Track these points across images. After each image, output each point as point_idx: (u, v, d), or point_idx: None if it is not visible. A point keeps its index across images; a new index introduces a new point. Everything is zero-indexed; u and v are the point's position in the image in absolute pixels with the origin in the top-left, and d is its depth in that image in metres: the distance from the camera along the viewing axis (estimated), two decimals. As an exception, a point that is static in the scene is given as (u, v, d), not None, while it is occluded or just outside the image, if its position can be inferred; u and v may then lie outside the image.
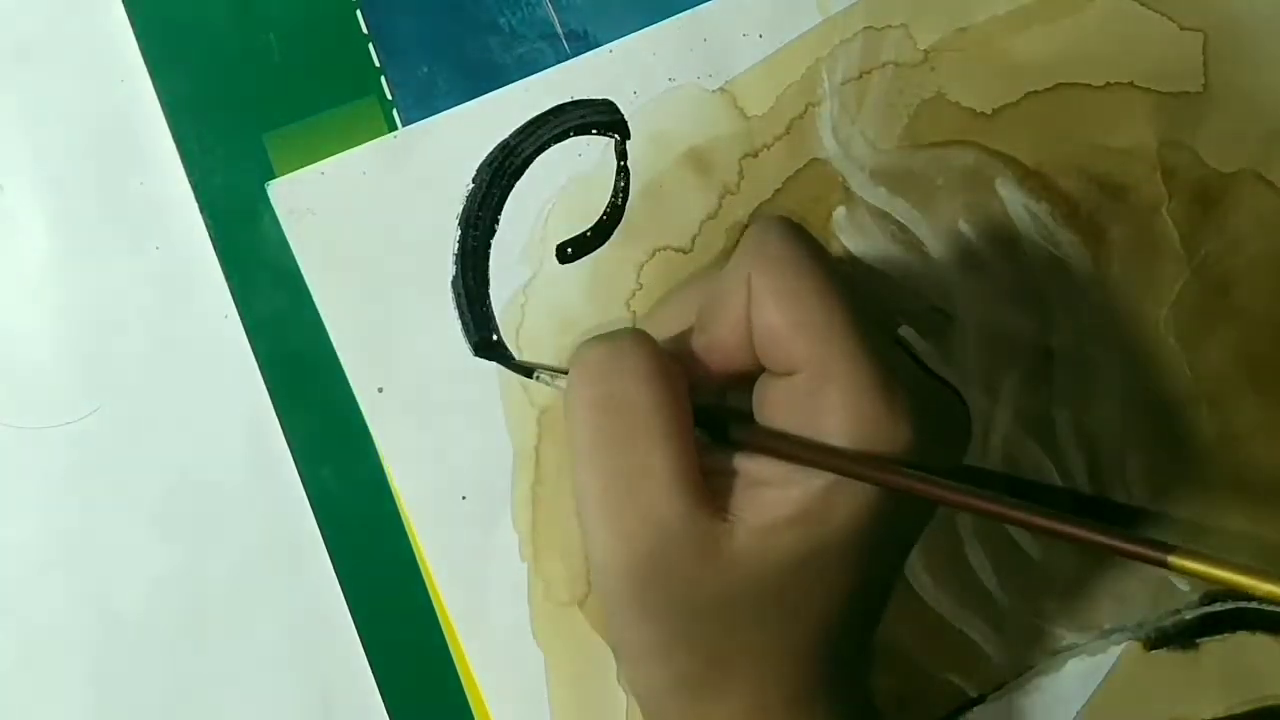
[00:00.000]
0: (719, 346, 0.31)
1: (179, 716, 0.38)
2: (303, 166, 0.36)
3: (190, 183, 0.36)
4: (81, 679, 0.37)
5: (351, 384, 0.37)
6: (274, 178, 0.36)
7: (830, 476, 0.29)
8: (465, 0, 0.37)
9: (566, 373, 0.32)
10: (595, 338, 0.31)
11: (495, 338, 0.37)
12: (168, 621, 0.37)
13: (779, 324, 0.30)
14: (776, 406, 0.31)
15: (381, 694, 0.38)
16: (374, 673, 0.38)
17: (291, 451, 0.37)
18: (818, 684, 0.32)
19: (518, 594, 0.38)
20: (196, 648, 0.38)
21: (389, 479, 0.37)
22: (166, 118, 0.36)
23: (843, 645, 0.32)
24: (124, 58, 0.36)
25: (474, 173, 0.37)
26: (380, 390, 0.37)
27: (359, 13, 0.37)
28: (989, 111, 0.39)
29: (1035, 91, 0.39)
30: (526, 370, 0.37)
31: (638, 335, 0.31)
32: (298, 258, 0.36)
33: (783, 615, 0.31)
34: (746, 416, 0.32)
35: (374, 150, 0.36)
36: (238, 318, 0.37)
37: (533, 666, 0.38)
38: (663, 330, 0.33)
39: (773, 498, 0.30)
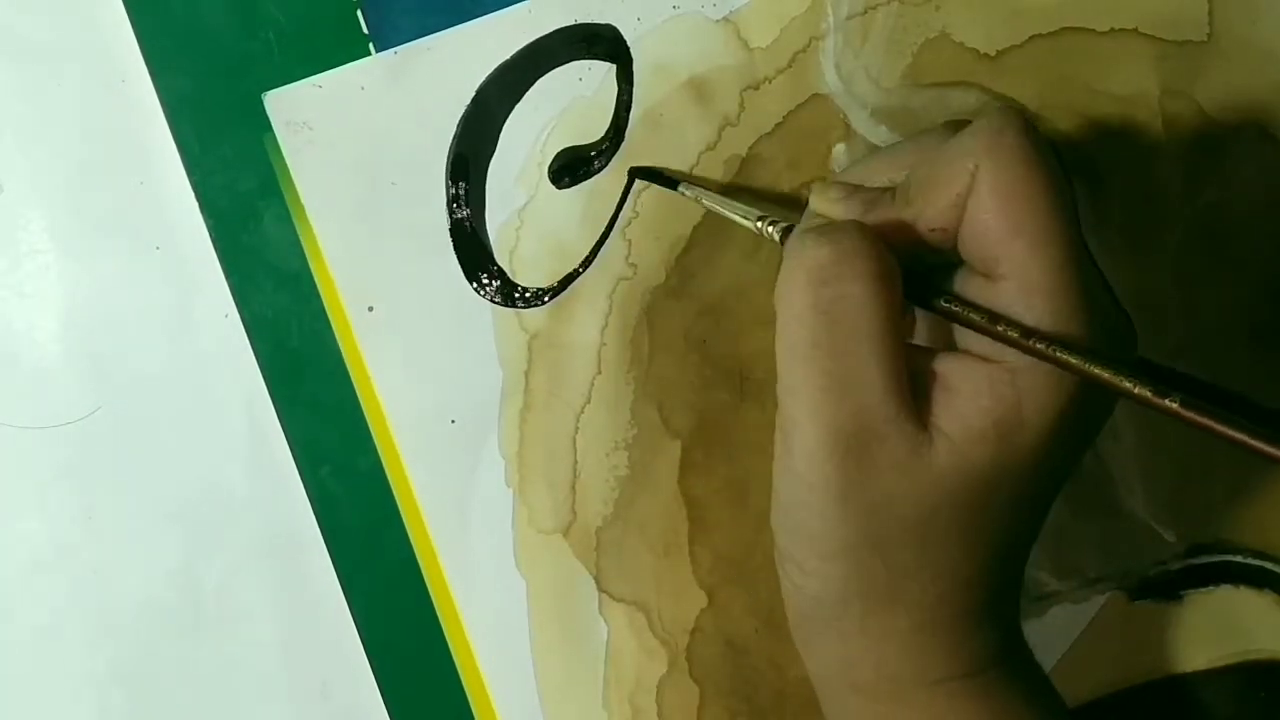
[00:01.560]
0: (921, 222, 0.31)
1: (179, 715, 0.38)
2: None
3: (190, 182, 0.37)
4: (81, 678, 0.38)
5: (341, 301, 0.37)
6: (274, 178, 0.37)
7: (1021, 386, 0.30)
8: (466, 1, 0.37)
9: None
10: (816, 231, 0.31)
11: (489, 259, 0.37)
12: (167, 621, 0.38)
13: (998, 225, 0.30)
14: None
15: (381, 692, 0.39)
16: (374, 671, 0.39)
17: (291, 451, 0.38)
18: (985, 604, 0.32)
19: (501, 520, 0.38)
20: (196, 646, 0.38)
21: (365, 409, 0.38)
22: (167, 118, 0.36)
23: (1010, 565, 0.33)
24: (124, 58, 0.36)
25: (474, 92, 0.37)
26: (370, 309, 0.37)
27: (359, 13, 0.37)
28: (993, 53, 0.39)
29: (1040, 35, 0.39)
30: (671, 183, 0.37)
31: (861, 235, 0.31)
32: (292, 171, 0.36)
33: (969, 533, 0.31)
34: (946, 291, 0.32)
35: (373, 66, 0.36)
36: (238, 318, 0.37)
37: (514, 594, 0.39)
38: (865, 181, 0.33)
39: (966, 408, 0.30)
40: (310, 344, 0.37)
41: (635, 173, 0.37)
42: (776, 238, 0.34)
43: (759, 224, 0.35)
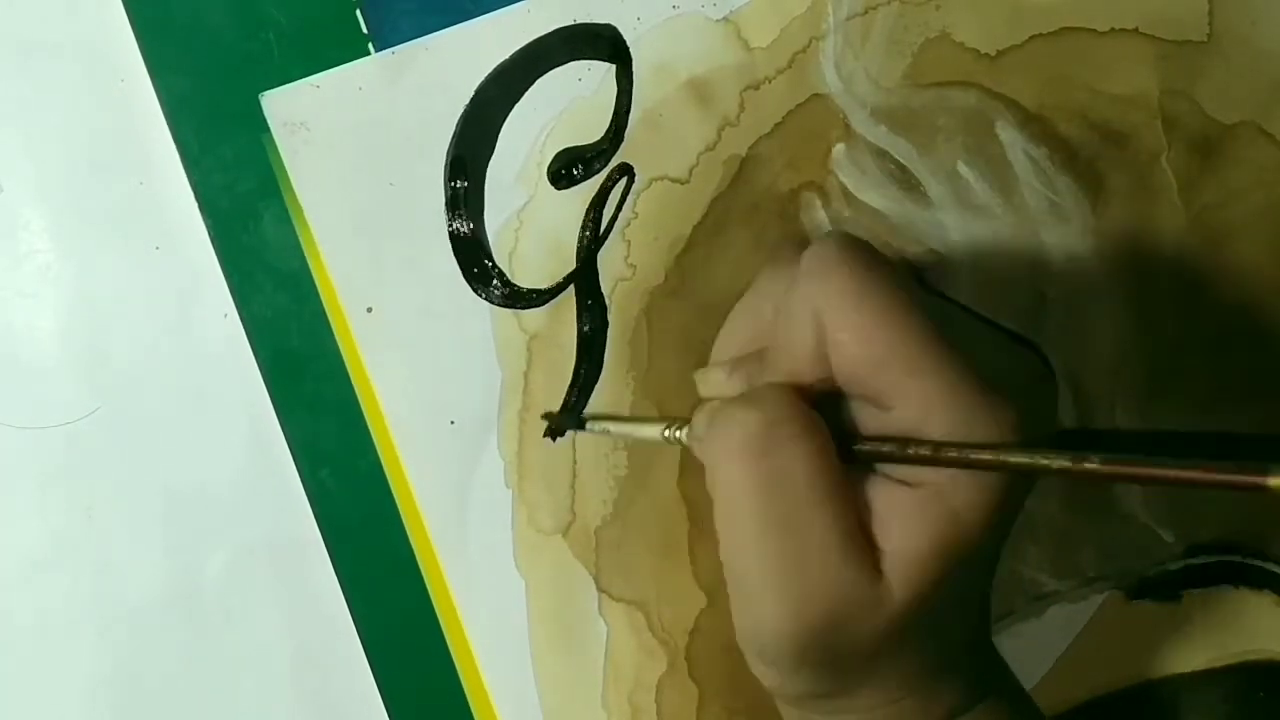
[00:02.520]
0: (798, 380, 0.31)
1: (178, 715, 0.39)
2: None
3: (190, 182, 0.37)
4: (81, 678, 0.38)
5: (340, 302, 0.37)
6: (273, 178, 0.37)
7: (952, 502, 0.30)
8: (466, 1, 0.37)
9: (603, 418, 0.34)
10: (739, 399, 0.31)
11: (488, 261, 0.38)
12: (167, 620, 0.38)
13: (863, 366, 0.30)
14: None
15: (381, 693, 0.39)
16: (374, 671, 0.39)
17: (291, 451, 0.38)
18: (945, 669, 0.33)
19: (500, 520, 0.39)
20: (196, 645, 0.38)
21: (365, 409, 0.38)
22: (166, 118, 0.37)
23: (966, 627, 0.33)
24: (124, 58, 0.37)
25: (472, 93, 0.37)
26: (369, 310, 0.37)
27: (359, 13, 0.37)
28: (993, 53, 0.39)
29: (1040, 35, 0.39)
30: (579, 424, 0.38)
31: (786, 394, 0.31)
32: (289, 171, 0.37)
33: (931, 630, 0.31)
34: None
35: (371, 66, 0.37)
36: (238, 318, 0.37)
37: (513, 594, 0.39)
38: (735, 346, 0.34)
39: (906, 538, 0.30)
40: (310, 344, 0.38)
41: (550, 429, 0.38)
42: (684, 440, 0.35)
43: (667, 432, 0.35)
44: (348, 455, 0.38)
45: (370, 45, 0.37)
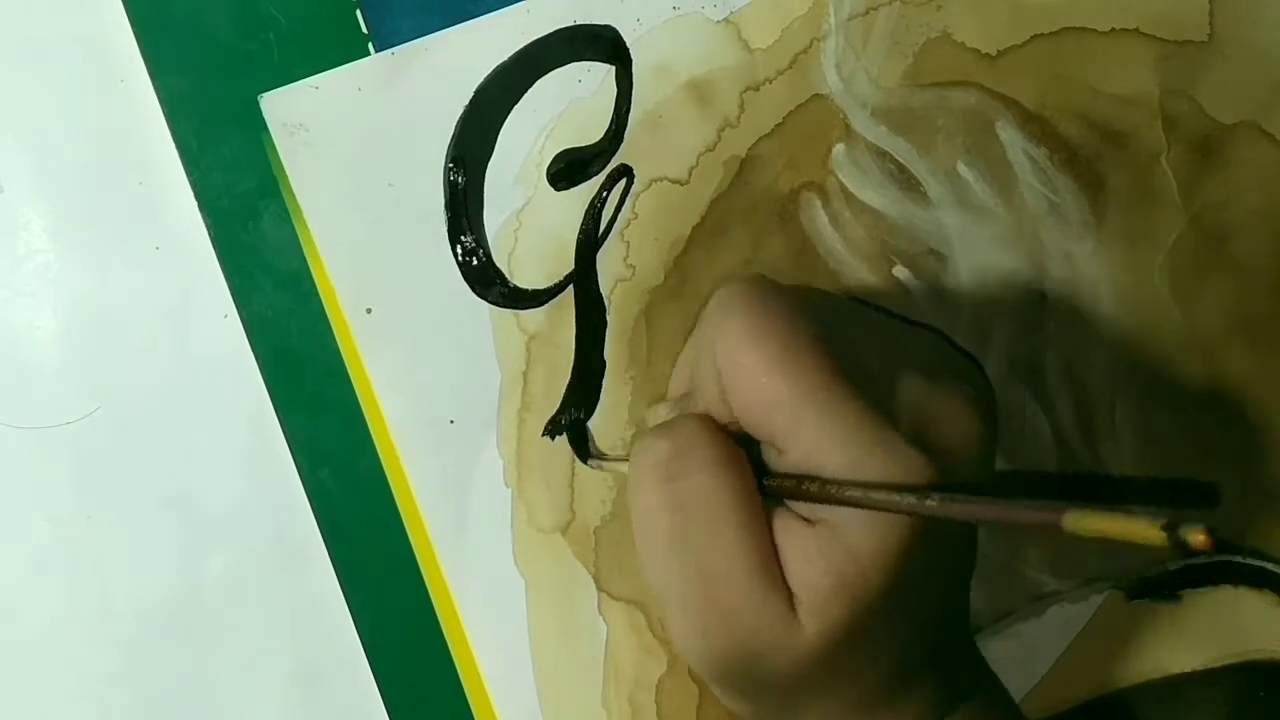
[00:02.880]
0: (715, 417, 0.32)
1: (178, 715, 0.39)
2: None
3: (190, 182, 0.37)
4: (81, 678, 0.38)
5: (340, 303, 0.37)
6: (273, 178, 0.37)
7: (847, 539, 0.30)
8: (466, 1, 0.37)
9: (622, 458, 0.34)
10: (654, 429, 0.32)
11: (487, 261, 0.38)
12: (167, 620, 0.38)
13: (755, 411, 0.30)
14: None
15: (381, 693, 0.39)
16: (374, 671, 0.39)
17: (291, 451, 0.38)
18: (895, 691, 0.33)
19: (500, 519, 0.39)
20: (196, 647, 0.39)
21: (365, 409, 0.38)
22: (166, 117, 0.37)
23: (929, 632, 0.33)
24: (123, 58, 0.37)
25: (472, 93, 0.37)
26: (369, 311, 0.38)
27: (359, 13, 0.37)
28: (993, 53, 0.39)
29: (1041, 35, 0.39)
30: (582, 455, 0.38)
31: (698, 424, 0.31)
32: (289, 173, 0.37)
33: (870, 658, 0.31)
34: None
35: (370, 67, 0.37)
36: (237, 318, 0.38)
37: (513, 592, 0.39)
38: (682, 378, 0.35)
39: (809, 572, 0.30)
40: (310, 344, 0.38)
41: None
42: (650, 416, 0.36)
43: None
44: (348, 454, 0.38)
45: (370, 45, 0.37)
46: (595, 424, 0.39)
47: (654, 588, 0.32)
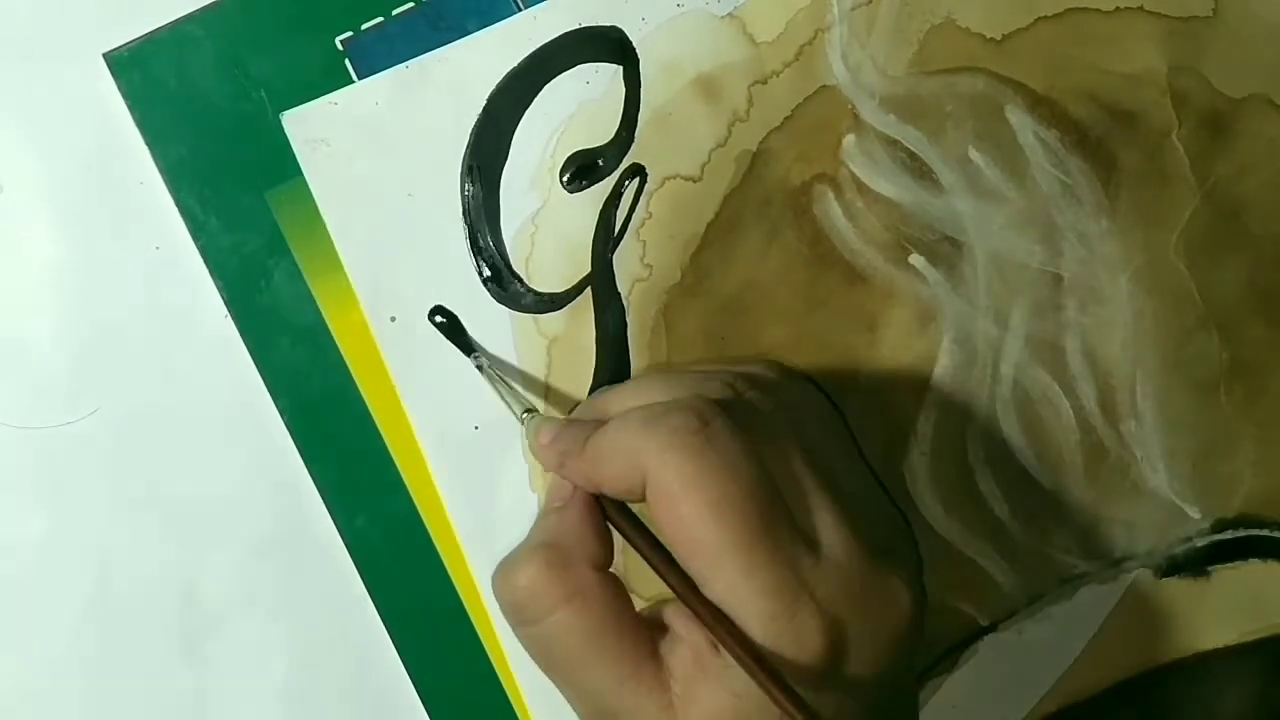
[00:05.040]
0: (603, 485, 0.33)
1: (178, 716, 0.39)
2: (306, 218, 0.38)
3: (197, 247, 0.38)
4: (81, 679, 0.39)
5: (365, 312, 0.38)
6: (280, 235, 0.38)
7: (732, 684, 0.31)
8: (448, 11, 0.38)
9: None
10: (503, 568, 0.33)
11: (505, 267, 0.38)
12: (167, 621, 0.39)
13: (677, 545, 0.31)
14: None
15: (420, 697, 0.40)
16: (409, 675, 0.40)
17: (325, 502, 0.39)
18: None
19: (527, 525, 0.39)
20: (196, 647, 0.39)
21: (387, 439, 0.39)
22: (167, 185, 0.37)
23: None
24: None
25: (484, 102, 0.38)
26: (393, 319, 0.38)
27: (347, 62, 0.38)
28: (999, 37, 0.40)
29: (1045, 17, 0.40)
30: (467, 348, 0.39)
31: (548, 563, 0.32)
32: (312, 187, 0.37)
33: None
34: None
35: (386, 80, 0.38)
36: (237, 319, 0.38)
37: (544, 598, 0.40)
38: (603, 413, 0.35)
39: (691, 687, 0.31)
40: (332, 395, 0.38)
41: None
42: (523, 429, 0.37)
43: (524, 417, 0.37)
44: (380, 501, 0.39)
45: (361, 91, 0.38)
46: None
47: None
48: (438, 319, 0.38)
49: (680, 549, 0.31)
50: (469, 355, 0.38)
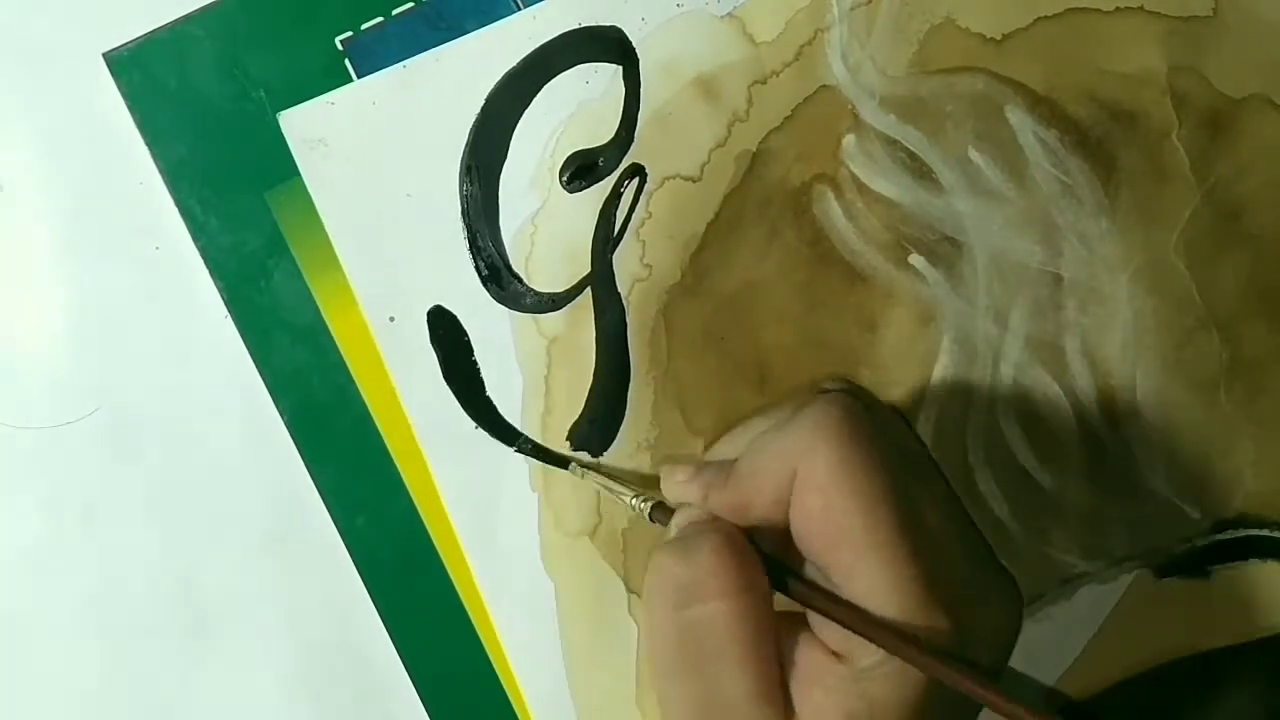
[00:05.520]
0: (751, 511, 0.33)
1: (179, 716, 0.39)
2: (305, 218, 0.38)
3: (197, 247, 0.38)
4: (81, 679, 0.39)
5: (363, 312, 0.38)
6: (280, 235, 0.38)
7: (866, 688, 0.31)
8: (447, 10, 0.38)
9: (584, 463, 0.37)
10: (672, 548, 0.33)
11: (504, 267, 0.38)
12: (167, 621, 0.39)
13: (821, 536, 0.32)
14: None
15: (421, 698, 0.40)
16: (410, 677, 0.40)
17: (325, 502, 0.39)
18: None
19: (528, 523, 0.40)
20: (196, 647, 0.39)
21: (387, 439, 0.39)
22: (167, 185, 0.37)
23: None
24: None
25: (482, 101, 0.38)
26: (391, 319, 0.38)
27: (347, 61, 0.38)
28: (999, 37, 0.40)
29: (1045, 17, 0.40)
30: (562, 461, 0.39)
31: (718, 550, 0.32)
32: (309, 187, 0.38)
33: None
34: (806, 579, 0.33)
35: (384, 80, 0.38)
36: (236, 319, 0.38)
37: (543, 596, 0.40)
38: (727, 454, 0.35)
39: (821, 706, 0.31)
40: (333, 396, 0.39)
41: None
42: (646, 514, 0.36)
43: (630, 500, 0.37)
44: (380, 503, 0.39)
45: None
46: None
47: (658, 696, 0.33)
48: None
49: (823, 540, 0.31)
50: (564, 467, 0.39)
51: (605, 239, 0.39)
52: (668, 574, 0.32)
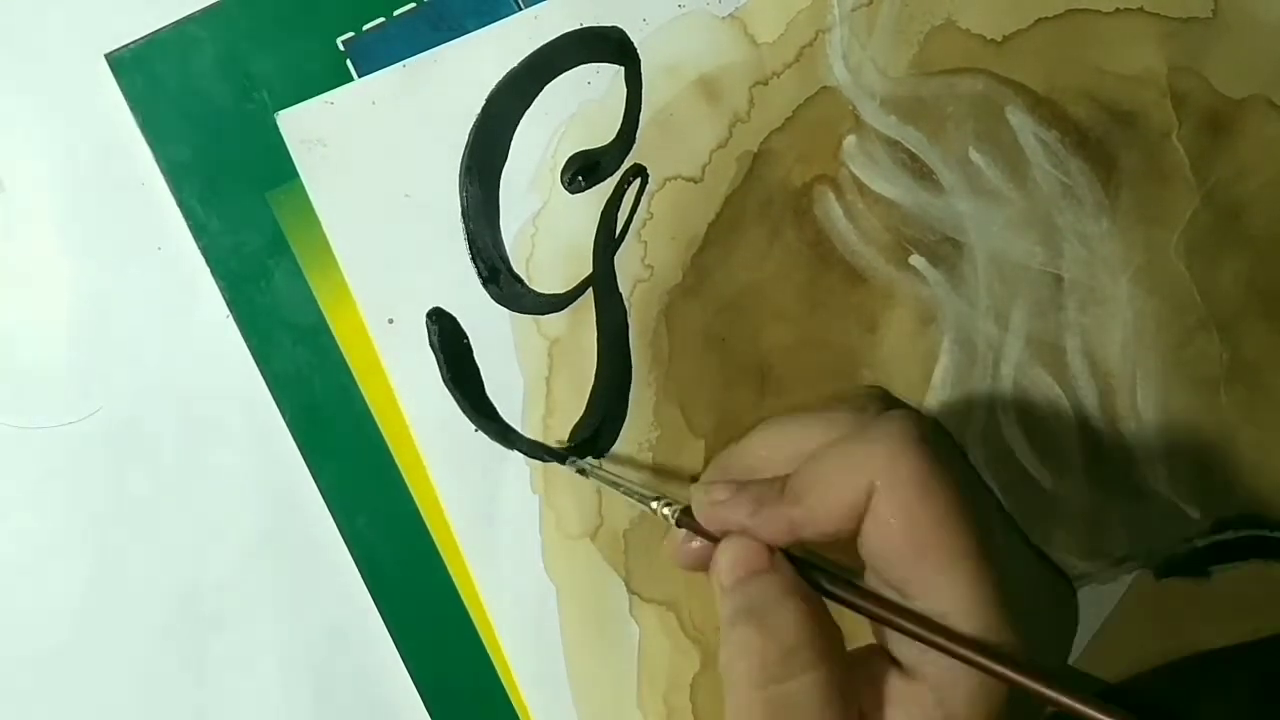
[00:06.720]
0: (811, 525, 0.32)
1: (180, 715, 0.39)
2: (306, 218, 0.38)
3: (199, 247, 0.38)
4: (81, 678, 0.39)
5: (362, 314, 0.38)
6: (281, 234, 0.38)
7: (945, 705, 0.31)
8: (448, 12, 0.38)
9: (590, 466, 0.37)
10: (755, 622, 0.32)
11: (505, 268, 0.39)
12: (167, 621, 0.39)
13: (901, 550, 0.31)
14: None
15: (422, 699, 0.40)
16: (412, 679, 0.40)
17: (325, 502, 0.39)
18: None
19: (529, 527, 0.40)
20: (197, 647, 0.39)
21: (387, 437, 0.39)
22: (169, 185, 0.38)
23: None
24: None
25: (483, 102, 0.38)
26: (390, 321, 0.38)
27: (349, 62, 0.38)
28: (999, 38, 0.40)
29: (1045, 18, 0.40)
30: (569, 463, 0.39)
31: (802, 622, 0.31)
32: (308, 188, 0.38)
33: None
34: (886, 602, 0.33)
35: (383, 80, 0.38)
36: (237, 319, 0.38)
37: (545, 599, 0.40)
38: (745, 458, 0.35)
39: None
40: (334, 396, 0.39)
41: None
42: (672, 521, 0.35)
43: (654, 505, 0.36)
44: (381, 502, 0.39)
45: (364, 91, 0.38)
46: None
47: None
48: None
49: (902, 555, 0.31)
50: (563, 463, 0.39)
51: (606, 240, 0.39)
52: (751, 650, 0.31)
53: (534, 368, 0.39)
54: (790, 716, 0.31)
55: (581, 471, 0.39)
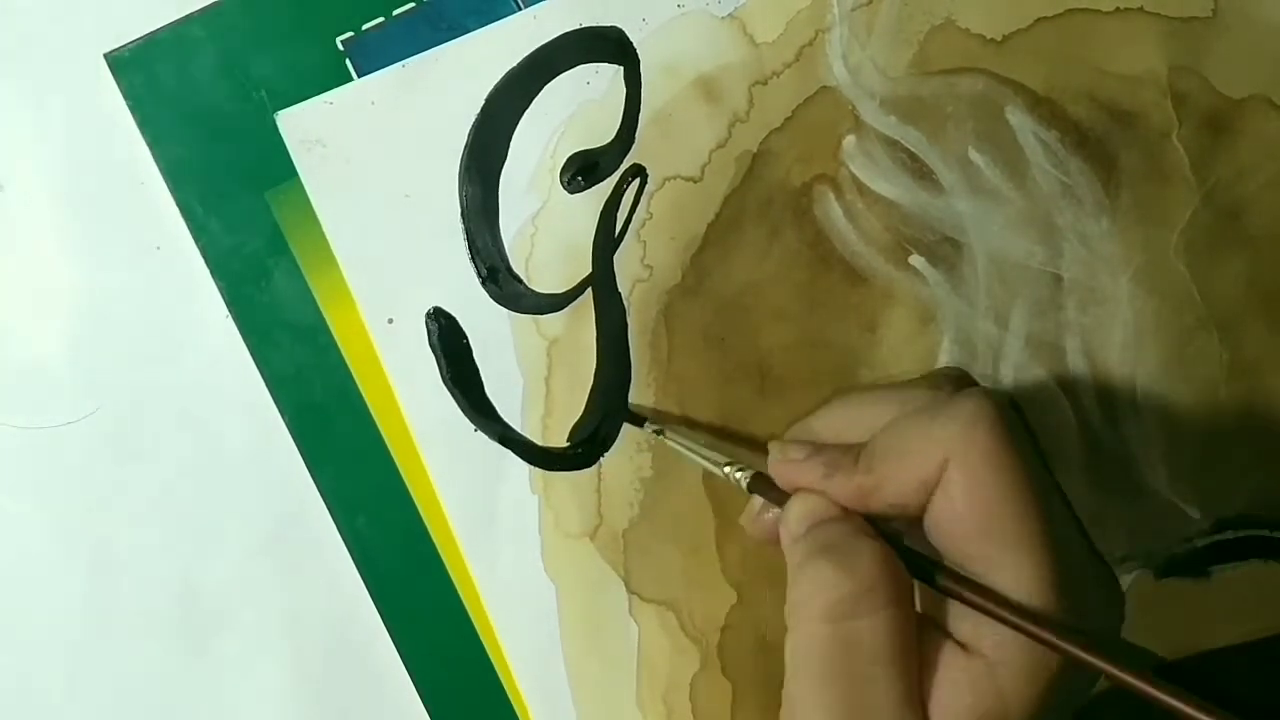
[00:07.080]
0: (880, 495, 0.33)
1: (179, 715, 0.40)
2: (306, 218, 0.38)
3: (198, 247, 0.38)
4: (81, 678, 0.39)
5: (362, 314, 0.38)
6: (281, 234, 0.38)
7: (1000, 679, 0.31)
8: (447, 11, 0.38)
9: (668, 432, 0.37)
10: (833, 557, 0.32)
11: (505, 268, 0.39)
12: (167, 621, 0.39)
13: (969, 526, 0.31)
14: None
15: (423, 701, 0.40)
16: (412, 680, 0.40)
17: (325, 502, 0.39)
18: None
19: (528, 526, 0.40)
20: (197, 647, 0.39)
21: (387, 439, 0.39)
22: (168, 185, 0.38)
23: None
24: None
25: (482, 102, 0.38)
26: (390, 321, 0.38)
27: (348, 61, 0.38)
28: (999, 38, 0.40)
29: (1045, 18, 0.40)
30: (638, 421, 0.39)
31: (881, 564, 0.32)
32: (307, 187, 0.38)
33: None
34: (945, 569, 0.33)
35: (383, 80, 0.38)
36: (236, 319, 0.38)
37: (544, 598, 0.40)
38: (827, 430, 0.35)
39: (953, 704, 0.31)
40: (334, 395, 0.39)
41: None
42: (744, 484, 0.35)
43: (727, 470, 0.36)
44: (381, 502, 0.39)
45: (363, 91, 0.38)
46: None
47: (789, 698, 0.32)
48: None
49: (969, 530, 0.31)
50: (640, 426, 0.39)
51: (606, 240, 0.39)
52: (827, 584, 0.31)
53: (533, 367, 0.39)
54: (857, 654, 0.31)
55: (658, 433, 0.38)
